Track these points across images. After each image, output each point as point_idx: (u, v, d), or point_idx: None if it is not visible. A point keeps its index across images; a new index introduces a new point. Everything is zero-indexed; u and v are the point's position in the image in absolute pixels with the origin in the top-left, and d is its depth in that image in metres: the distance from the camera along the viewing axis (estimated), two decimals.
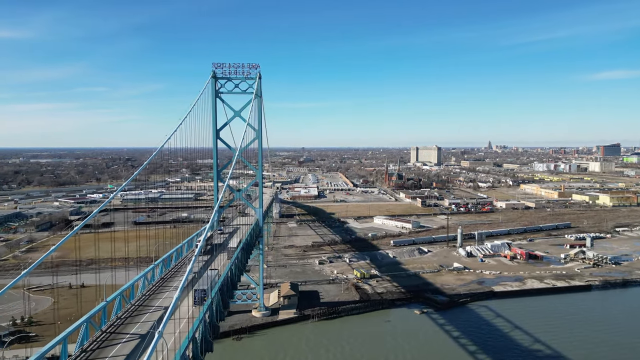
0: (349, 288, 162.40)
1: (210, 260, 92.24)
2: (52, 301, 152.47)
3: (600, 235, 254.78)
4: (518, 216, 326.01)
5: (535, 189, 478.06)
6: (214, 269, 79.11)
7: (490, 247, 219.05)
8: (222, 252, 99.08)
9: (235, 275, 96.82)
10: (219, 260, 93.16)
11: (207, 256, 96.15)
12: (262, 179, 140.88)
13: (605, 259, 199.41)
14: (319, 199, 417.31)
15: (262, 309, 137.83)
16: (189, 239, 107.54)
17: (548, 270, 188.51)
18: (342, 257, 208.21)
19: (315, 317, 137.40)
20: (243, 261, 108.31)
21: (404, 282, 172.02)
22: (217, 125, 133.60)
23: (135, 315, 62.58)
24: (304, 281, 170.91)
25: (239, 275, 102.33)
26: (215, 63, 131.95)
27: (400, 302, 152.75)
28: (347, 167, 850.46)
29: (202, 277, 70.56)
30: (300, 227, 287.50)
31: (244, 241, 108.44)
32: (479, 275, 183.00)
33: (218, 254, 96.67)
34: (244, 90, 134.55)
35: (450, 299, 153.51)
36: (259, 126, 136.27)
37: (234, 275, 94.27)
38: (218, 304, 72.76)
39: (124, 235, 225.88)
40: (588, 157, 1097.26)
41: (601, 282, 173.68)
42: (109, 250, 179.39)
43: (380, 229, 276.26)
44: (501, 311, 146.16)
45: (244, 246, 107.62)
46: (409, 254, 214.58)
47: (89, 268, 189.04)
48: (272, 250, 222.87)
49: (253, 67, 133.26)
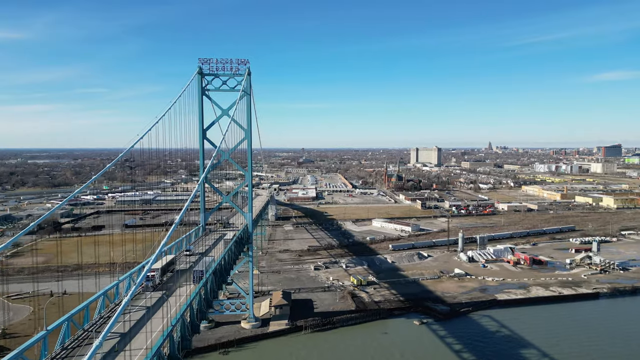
0: (344, 296, 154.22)
1: (159, 305, 68.11)
2: (31, 310, 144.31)
3: (606, 239, 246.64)
4: (520, 219, 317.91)
5: (537, 191, 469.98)
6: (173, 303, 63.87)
7: (493, 251, 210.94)
8: (181, 284, 77.59)
9: (199, 313, 76.34)
10: (174, 298, 69.87)
11: (161, 292, 74.08)
12: (251, 181, 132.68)
13: (612, 265, 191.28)
14: (317, 201, 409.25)
15: (252, 319, 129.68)
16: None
17: (553, 277, 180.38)
18: (339, 262, 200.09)
19: (308, 328, 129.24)
20: (214, 288, 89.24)
21: (402, 289, 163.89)
22: (203, 124, 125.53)
23: (84, 345, 52.68)
24: (298, 289, 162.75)
25: (204, 312, 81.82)
26: (202, 58, 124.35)
27: (399, 312, 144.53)
28: (347, 168, 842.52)
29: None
30: (296, 230, 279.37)
31: (213, 268, 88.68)
32: (482, 282, 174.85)
33: (174, 289, 75.57)
34: (232, 87, 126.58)
35: (452, 309, 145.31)
36: (248, 125, 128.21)
37: (195, 315, 72.68)
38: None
39: (114, 239, 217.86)
40: (589, 158, 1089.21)
41: (609, 290, 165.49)
42: (97, 255, 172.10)
43: (378, 232, 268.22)
44: (505, 321, 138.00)
45: (215, 271, 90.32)
46: (408, 259, 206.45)
47: (74, 274, 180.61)
48: (266, 255, 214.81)
49: (242, 63, 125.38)
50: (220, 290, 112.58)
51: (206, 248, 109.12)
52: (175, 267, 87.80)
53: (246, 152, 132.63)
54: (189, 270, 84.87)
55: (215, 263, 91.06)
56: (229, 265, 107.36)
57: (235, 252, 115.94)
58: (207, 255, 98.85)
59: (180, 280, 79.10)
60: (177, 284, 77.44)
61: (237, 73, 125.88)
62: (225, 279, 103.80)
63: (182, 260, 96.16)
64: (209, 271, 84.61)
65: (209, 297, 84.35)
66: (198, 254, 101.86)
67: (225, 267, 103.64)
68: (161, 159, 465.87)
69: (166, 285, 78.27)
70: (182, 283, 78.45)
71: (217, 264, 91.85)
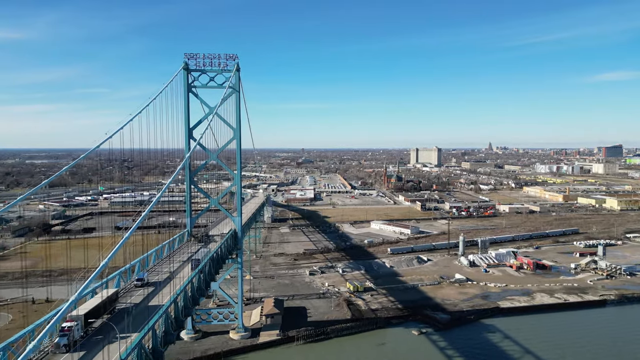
0: (340, 304, 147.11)
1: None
2: (10, 318, 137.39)
3: (611, 242, 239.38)
4: (522, 221, 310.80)
5: (539, 192, 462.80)
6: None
7: (495, 255, 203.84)
8: (114, 339, 53.67)
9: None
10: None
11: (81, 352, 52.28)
12: (240, 183, 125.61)
13: (619, 270, 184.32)
14: (314, 202, 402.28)
15: (241, 329, 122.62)
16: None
17: (558, 283, 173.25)
18: (335, 266, 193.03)
19: (300, 339, 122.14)
20: (170, 330, 68.55)
21: (401, 296, 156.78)
22: (189, 123, 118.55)
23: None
24: (292, 295, 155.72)
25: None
26: (188, 53, 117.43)
27: (397, 321, 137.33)
28: (346, 168, 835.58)
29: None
30: (292, 233, 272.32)
31: (167, 305, 67.56)
32: (483, 288, 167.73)
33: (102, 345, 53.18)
34: (220, 84, 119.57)
35: (452, 317, 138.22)
36: (237, 124, 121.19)
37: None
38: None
39: (105, 242, 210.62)
40: (590, 158, 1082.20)
41: (617, 297, 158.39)
42: (86, 259, 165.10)
43: (377, 235, 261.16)
44: (509, 331, 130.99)
45: (168, 314, 68.75)
46: (407, 264, 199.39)
47: (60, 279, 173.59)
48: (260, 259, 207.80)
49: (230, 58, 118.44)
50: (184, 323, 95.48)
51: (168, 274, 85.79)
52: (116, 305, 67.18)
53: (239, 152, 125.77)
54: (136, 309, 65.03)
55: (165, 307, 66.61)
56: (197, 295, 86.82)
57: (210, 272, 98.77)
58: (166, 284, 78.11)
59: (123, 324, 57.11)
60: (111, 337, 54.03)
61: (226, 69, 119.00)
62: (190, 312, 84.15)
63: (131, 294, 74.48)
64: (154, 317, 61.45)
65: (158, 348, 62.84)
66: (156, 283, 79.77)
67: (192, 299, 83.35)
68: (160, 159, 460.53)
69: (95, 341, 54.43)
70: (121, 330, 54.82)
71: (167, 306, 67.89)
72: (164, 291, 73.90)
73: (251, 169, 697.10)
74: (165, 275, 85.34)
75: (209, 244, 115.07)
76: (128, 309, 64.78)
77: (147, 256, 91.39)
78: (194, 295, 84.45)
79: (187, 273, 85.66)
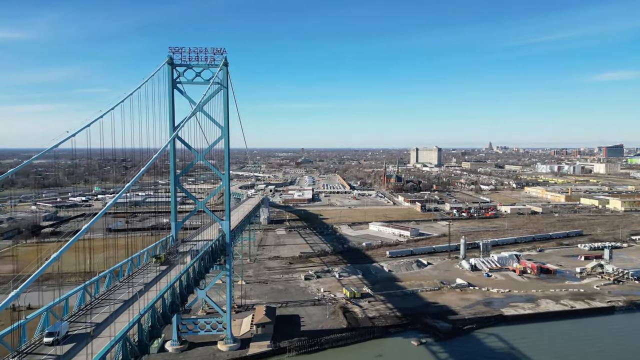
0: (335, 311, 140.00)
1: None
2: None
3: (616, 245, 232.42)
4: (524, 222, 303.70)
5: (541, 192, 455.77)
6: None
7: (497, 259, 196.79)
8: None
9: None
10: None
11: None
12: (229, 185, 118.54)
13: (626, 274, 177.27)
14: (313, 203, 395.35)
15: (230, 340, 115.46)
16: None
17: (563, 288, 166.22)
18: (332, 271, 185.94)
19: (292, 350, 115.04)
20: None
21: (400, 303, 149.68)
22: (174, 121, 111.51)
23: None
24: (285, 302, 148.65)
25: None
26: (173, 47, 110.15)
27: (395, 330, 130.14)
28: (346, 168, 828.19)
29: None
30: (289, 235, 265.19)
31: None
32: (486, 294, 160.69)
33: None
34: (207, 79, 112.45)
35: (454, 326, 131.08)
36: (226, 122, 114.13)
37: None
38: None
39: (96, 244, 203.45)
40: (591, 158, 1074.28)
41: (625, 303, 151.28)
42: (76, 263, 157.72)
43: (375, 237, 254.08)
44: (513, 341, 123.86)
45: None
46: (406, 267, 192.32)
47: (45, 284, 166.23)
48: (254, 263, 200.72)
49: (218, 52, 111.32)
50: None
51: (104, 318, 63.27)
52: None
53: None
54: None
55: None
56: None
57: (170, 309, 76.92)
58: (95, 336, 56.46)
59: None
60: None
61: (213, 64, 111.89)
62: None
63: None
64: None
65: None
66: (81, 337, 57.02)
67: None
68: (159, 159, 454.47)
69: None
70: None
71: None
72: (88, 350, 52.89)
73: (250, 169, 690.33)
74: (104, 315, 64.65)
75: (176, 265, 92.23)
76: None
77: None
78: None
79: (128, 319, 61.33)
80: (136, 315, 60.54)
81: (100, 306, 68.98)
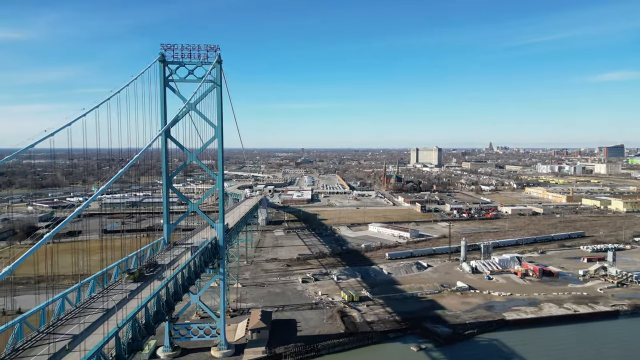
0: (333, 315, 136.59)
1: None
2: None
3: (619, 247, 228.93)
4: (526, 223, 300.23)
5: (542, 193, 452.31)
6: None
7: (499, 261, 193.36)
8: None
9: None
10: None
11: None
12: (222, 186, 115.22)
13: (630, 277, 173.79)
14: (312, 203, 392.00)
15: (224, 346, 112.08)
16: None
17: (566, 291, 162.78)
18: (330, 273, 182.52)
19: (288, 356, 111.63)
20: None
21: (399, 306, 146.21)
22: (166, 120, 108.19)
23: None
24: (281, 306, 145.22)
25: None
26: (165, 44, 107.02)
27: (394, 335, 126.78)
28: (346, 168, 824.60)
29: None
30: (287, 236, 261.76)
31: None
32: (487, 297, 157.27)
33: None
34: (200, 77, 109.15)
35: (454, 331, 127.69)
36: (219, 122, 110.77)
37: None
38: None
39: (92, 245, 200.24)
40: (591, 158, 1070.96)
41: (630, 307, 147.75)
42: (71, 265, 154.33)
43: (375, 239, 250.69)
44: (515, 346, 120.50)
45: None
46: (406, 270, 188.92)
47: (36, 288, 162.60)
48: (251, 265, 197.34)
49: (211, 50, 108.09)
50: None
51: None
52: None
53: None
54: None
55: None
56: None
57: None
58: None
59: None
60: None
61: (206, 61, 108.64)
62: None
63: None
64: None
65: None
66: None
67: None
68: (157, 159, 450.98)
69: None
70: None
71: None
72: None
73: (249, 169, 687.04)
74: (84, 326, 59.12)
75: (153, 281, 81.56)
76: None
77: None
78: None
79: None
80: (113, 329, 56.82)
81: (80, 315, 65.57)
